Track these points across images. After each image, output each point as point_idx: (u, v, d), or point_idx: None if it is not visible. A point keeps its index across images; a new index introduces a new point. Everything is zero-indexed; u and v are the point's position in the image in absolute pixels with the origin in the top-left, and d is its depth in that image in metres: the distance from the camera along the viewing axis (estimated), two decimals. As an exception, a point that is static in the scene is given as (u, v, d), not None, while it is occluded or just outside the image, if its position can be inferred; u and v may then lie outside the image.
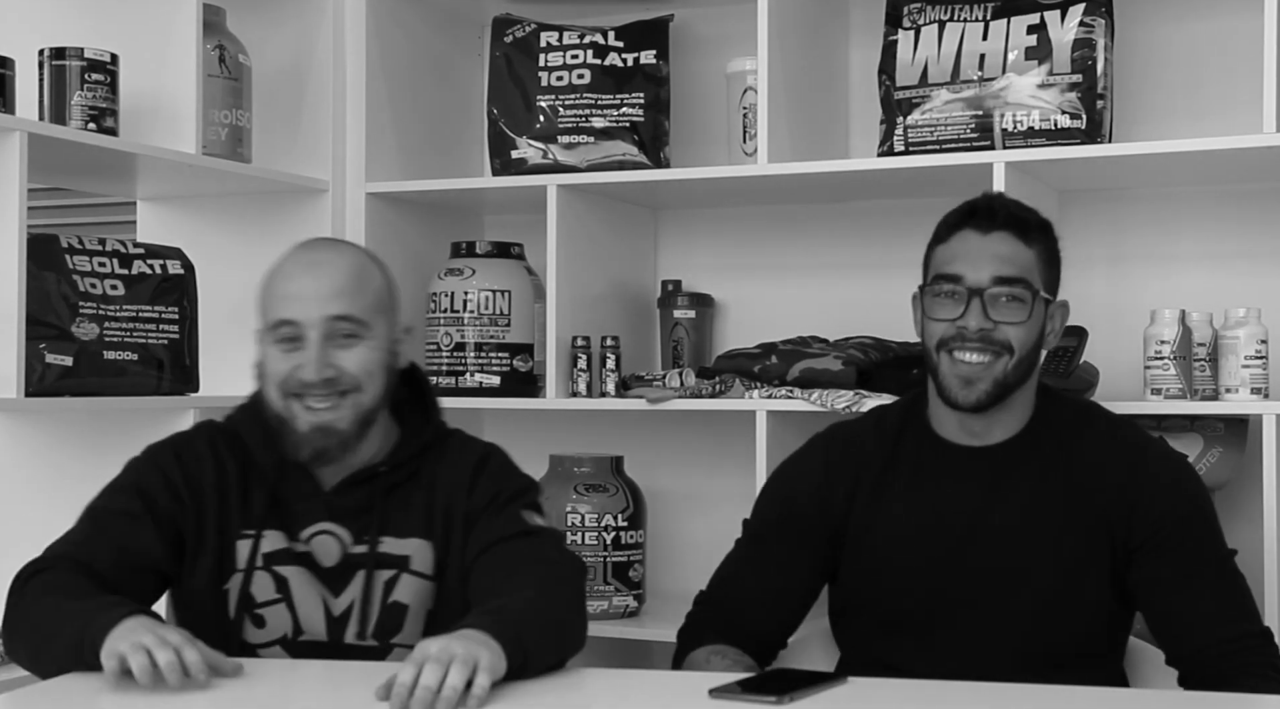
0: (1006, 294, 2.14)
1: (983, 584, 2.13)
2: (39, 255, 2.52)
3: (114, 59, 2.70)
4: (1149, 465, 2.16)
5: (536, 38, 3.16)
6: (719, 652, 2.17)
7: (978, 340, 2.12)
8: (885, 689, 1.78)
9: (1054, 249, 2.23)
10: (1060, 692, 1.79)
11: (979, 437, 2.20)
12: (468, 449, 2.19)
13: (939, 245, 2.19)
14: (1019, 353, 2.13)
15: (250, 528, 2.09)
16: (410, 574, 2.09)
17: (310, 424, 2.05)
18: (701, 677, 1.88)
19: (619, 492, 3.05)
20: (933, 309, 2.16)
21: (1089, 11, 2.76)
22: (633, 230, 3.32)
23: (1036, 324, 2.16)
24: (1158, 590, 2.11)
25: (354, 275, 2.09)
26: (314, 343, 2.04)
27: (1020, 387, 2.17)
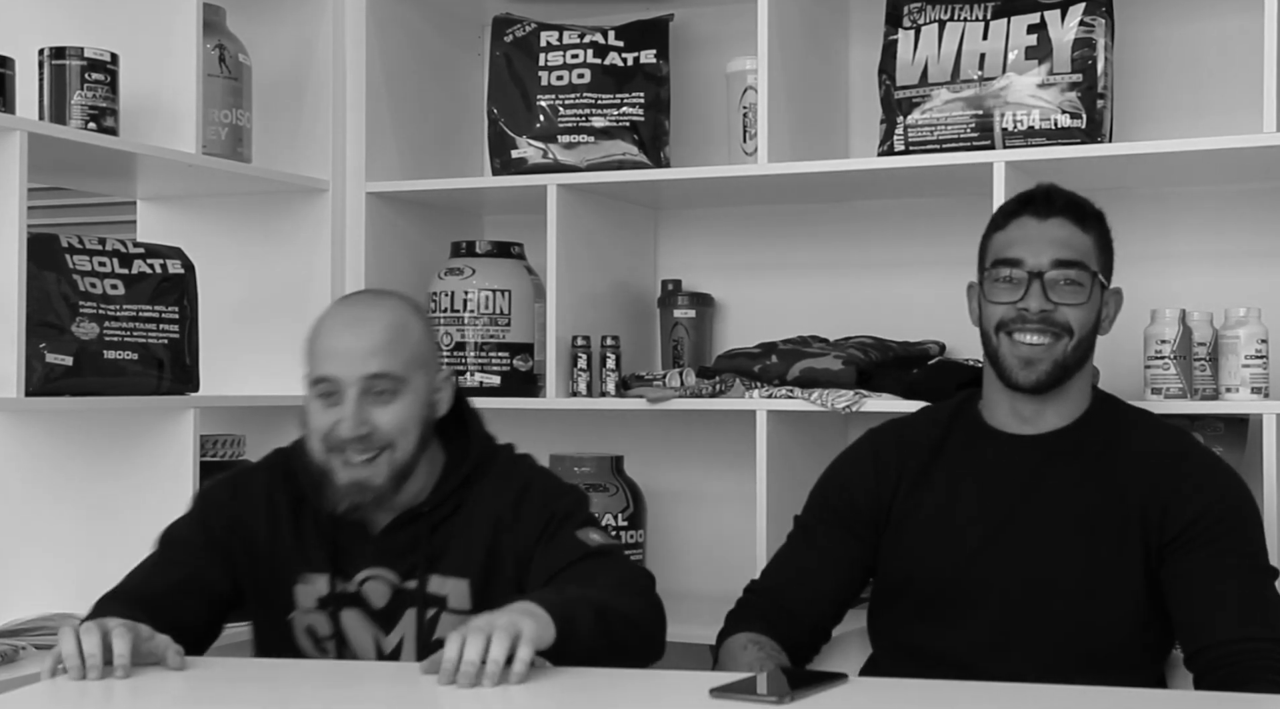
0: (1065, 277, 2.18)
1: (1016, 572, 2.15)
2: (39, 255, 2.52)
3: (114, 59, 2.69)
4: (1186, 465, 2.18)
5: (536, 37, 3.17)
6: (756, 641, 2.19)
7: (1038, 322, 2.17)
8: (886, 689, 1.78)
9: (1108, 237, 2.29)
10: (1062, 692, 1.79)
11: (1030, 423, 2.24)
12: (510, 477, 2.22)
13: (996, 232, 2.24)
14: (1079, 334, 2.18)
15: (308, 571, 2.16)
16: (449, 612, 2.14)
17: (348, 480, 2.10)
18: (702, 676, 1.88)
19: (619, 491, 3.05)
20: (993, 293, 2.20)
21: (1089, 11, 2.76)
22: (633, 230, 3.32)
23: (1094, 307, 2.22)
24: (1180, 586, 2.11)
25: (393, 332, 2.13)
26: (351, 400, 2.09)
27: (1078, 371, 2.21)
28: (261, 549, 2.18)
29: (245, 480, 2.26)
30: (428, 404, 2.17)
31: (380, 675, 1.98)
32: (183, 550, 2.17)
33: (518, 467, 2.27)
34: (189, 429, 2.74)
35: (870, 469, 2.30)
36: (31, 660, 2.46)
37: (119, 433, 2.79)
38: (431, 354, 2.21)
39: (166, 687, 1.81)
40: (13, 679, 2.26)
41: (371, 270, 3.17)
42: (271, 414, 3.12)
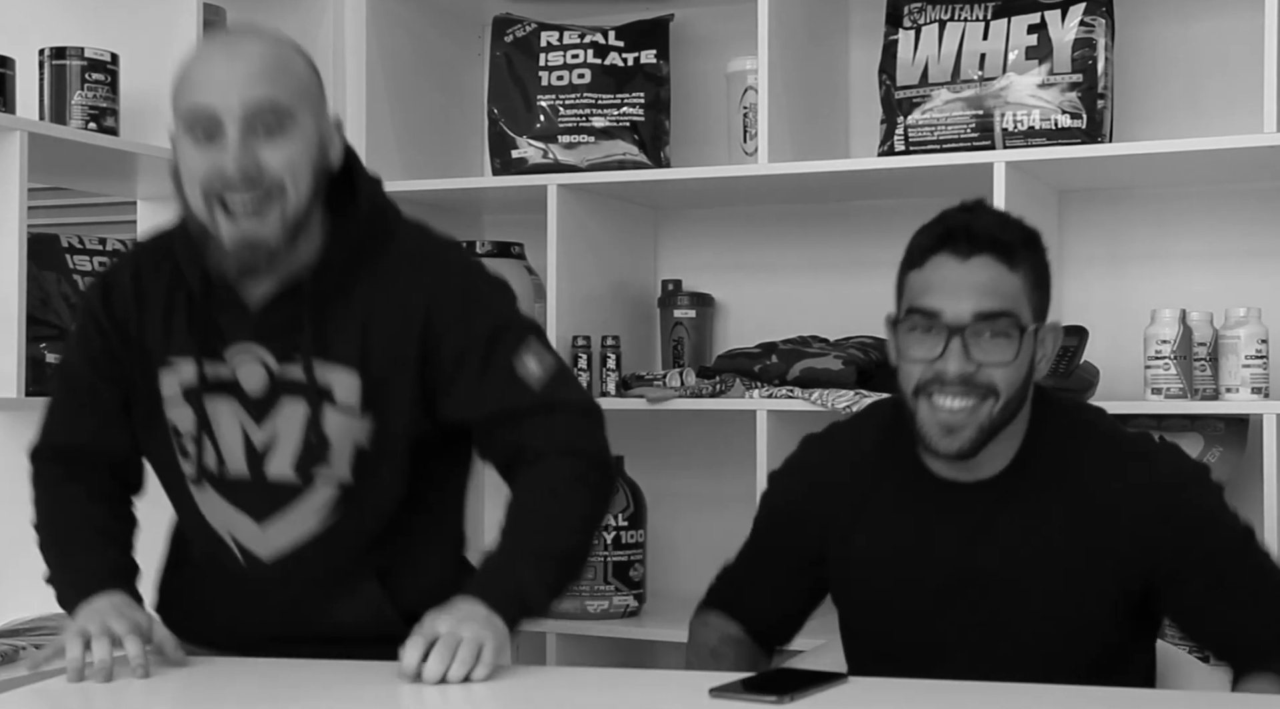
0: (990, 330, 1.89)
1: (976, 630, 1.97)
2: (39, 255, 2.52)
3: (114, 59, 2.70)
4: (1162, 495, 1.94)
5: (537, 37, 3.17)
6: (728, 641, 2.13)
7: (959, 384, 1.89)
8: (885, 689, 1.78)
9: (1042, 267, 1.98)
10: (1061, 691, 1.79)
11: (967, 473, 1.98)
12: (422, 259, 1.97)
13: (913, 271, 1.95)
14: (1005, 395, 1.90)
15: (175, 355, 1.95)
16: (335, 408, 1.92)
17: (235, 236, 1.84)
18: (702, 676, 1.88)
19: (619, 492, 3.05)
20: (908, 346, 1.93)
21: (1089, 11, 2.76)
22: (633, 230, 3.32)
23: (1025, 360, 1.92)
24: (1193, 618, 1.99)
25: (277, 60, 1.87)
26: (234, 134, 1.82)
27: (1010, 425, 1.95)
28: (134, 341, 1.97)
29: (115, 275, 2.02)
30: (319, 148, 1.90)
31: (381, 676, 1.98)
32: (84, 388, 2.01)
33: (430, 244, 2.02)
34: (189, 429, 2.73)
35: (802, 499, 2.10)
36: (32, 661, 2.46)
37: (119, 433, 2.78)
38: (320, 95, 1.93)
39: (166, 686, 1.81)
40: (13, 679, 2.26)
41: (372, 270, 3.17)
42: (272, 414, 3.12)
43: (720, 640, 2.13)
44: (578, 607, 3.01)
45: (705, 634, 2.15)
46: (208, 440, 1.95)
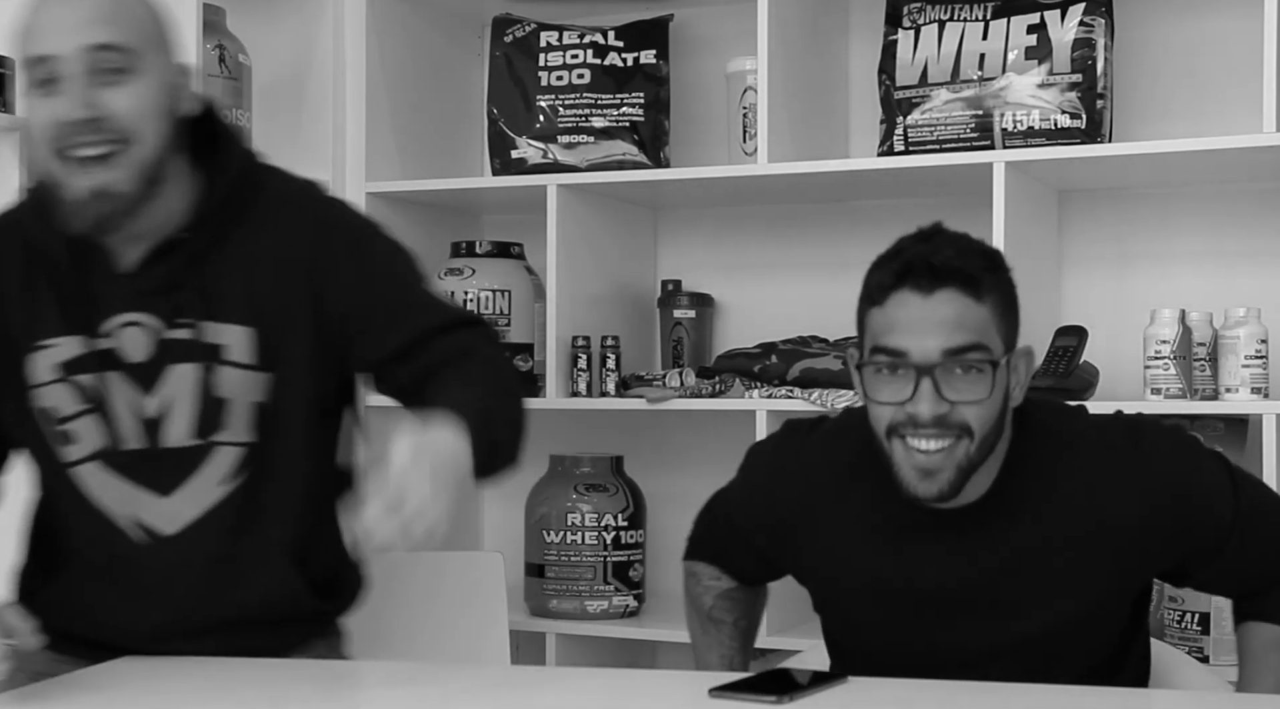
0: (961, 365, 1.80)
1: (962, 650, 1.91)
2: (39, 255, 2.51)
3: (114, 59, 2.69)
4: (1156, 493, 1.88)
5: (536, 37, 3.17)
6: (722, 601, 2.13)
7: (933, 426, 1.81)
8: (885, 689, 1.78)
9: (1009, 291, 1.88)
10: (1060, 691, 1.79)
11: (947, 501, 1.89)
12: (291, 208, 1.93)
13: (874, 309, 1.85)
14: (979, 433, 1.82)
15: (46, 337, 1.88)
16: (228, 365, 1.86)
17: (85, 188, 1.77)
18: (702, 677, 1.88)
19: (619, 492, 3.05)
20: (875, 388, 1.84)
21: (1089, 11, 2.76)
22: (633, 230, 3.32)
23: (999, 394, 1.84)
24: (1212, 585, 1.99)
25: (114, 2, 1.80)
26: (74, 78, 1.76)
27: (989, 457, 1.87)
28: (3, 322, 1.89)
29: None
30: (168, 92, 1.83)
31: (382, 675, 1.98)
32: None
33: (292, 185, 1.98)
34: (189, 429, 2.73)
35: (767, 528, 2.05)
36: (31, 660, 2.46)
37: (119, 433, 2.78)
38: (166, 37, 1.86)
39: (166, 686, 1.81)
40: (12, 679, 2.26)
41: (371, 270, 3.17)
42: (271, 414, 3.13)
43: (715, 601, 2.13)
44: (578, 607, 3.01)
45: (698, 592, 2.15)
46: (95, 418, 1.87)
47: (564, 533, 3.01)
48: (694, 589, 2.17)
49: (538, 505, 3.07)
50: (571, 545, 3.01)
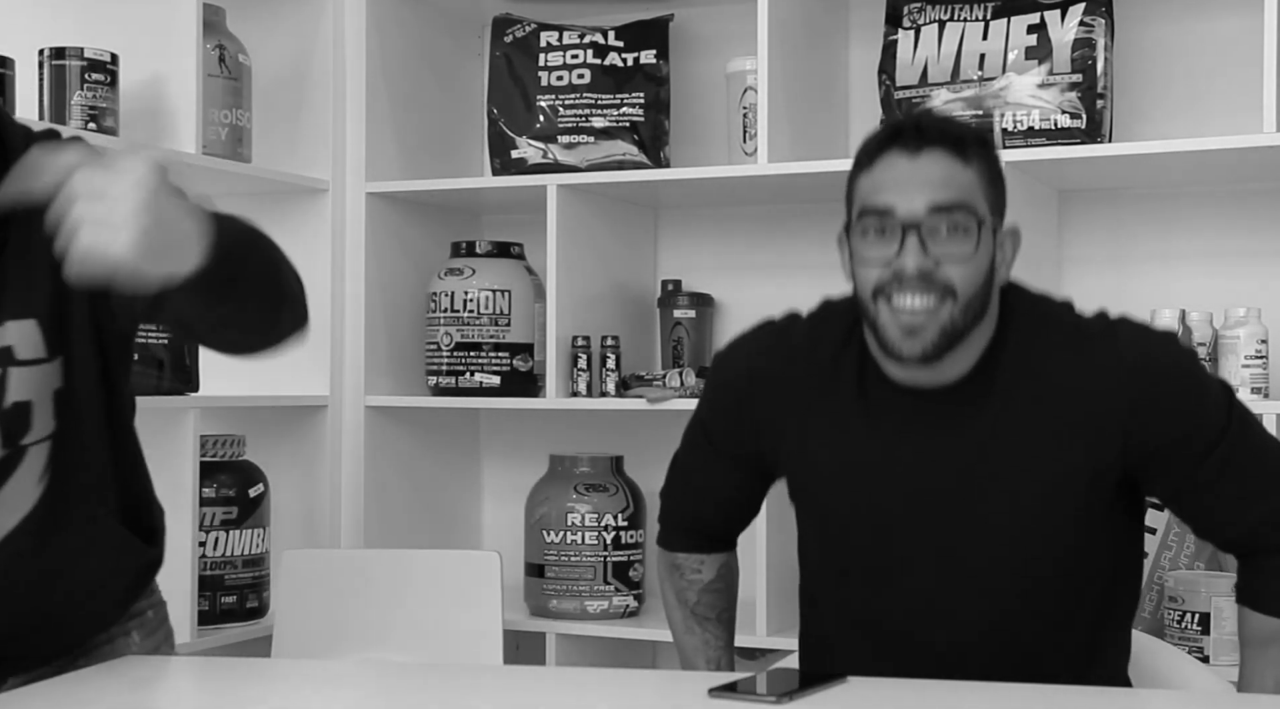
0: (947, 224, 1.82)
1: (943, 539, 1.90)
2: (39, 255, 2.51)
3: (114, 59, 2.70)
4: (1134, 382, 1.86)
5: (536, 37, 3.17)
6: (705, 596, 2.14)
7: (918, 281, 1.81)
8: (885, 689, 1.78)
9: (996, 166, 1.90)
10: (1060, 691, 1.79)
11: (929, 378, 1.90)
12: None
13: (862, 173, 1.87)
14: (965, 295, 1.83)
15: None
16: (20, 365, 1.73)
17: None
18: (702, 677, 1.88)
19: (619, 491, 3.05)
20: (862, 250, 1.85)
21: (1089, 11, 2.77)
22: (633, 230, 3.32)
23: (985, 256, 1.85)
24: (1178, 499, 1.93)
25: None
26: None
27: (974, 328, 1.87)
28: None
29: None
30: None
31: (380, 674, 1.98)
32: None
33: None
34: (189, 429, 2.74)
35: (746, 406, 2.02)
36: (31, 660, 2.46)
37: (119, 433, 2.79)
38: None
39: (166, 686, 1.81)
40: (13, 679, 2.26)
41: (371, 270, 3.17)
42: (271, 414, 3.13)
43: (699, 597, 2.14)
44: (578, 607, 3.01)
45: (682, 587, 2.15)
46: None
47: (564, 533, 3.01)
48: (678, 584, 2.17)
49: (538, 505, 3.07)
50: (571, 545, 3.01)
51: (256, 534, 2.92)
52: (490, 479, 3.52)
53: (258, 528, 2.93)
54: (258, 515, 2.93)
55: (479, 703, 1.72)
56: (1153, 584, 2.72)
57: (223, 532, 2.87)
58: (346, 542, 3.14)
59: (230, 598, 2.88)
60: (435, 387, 3.16)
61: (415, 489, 3.30)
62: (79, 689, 1.78)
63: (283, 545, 2.95)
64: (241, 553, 2.90)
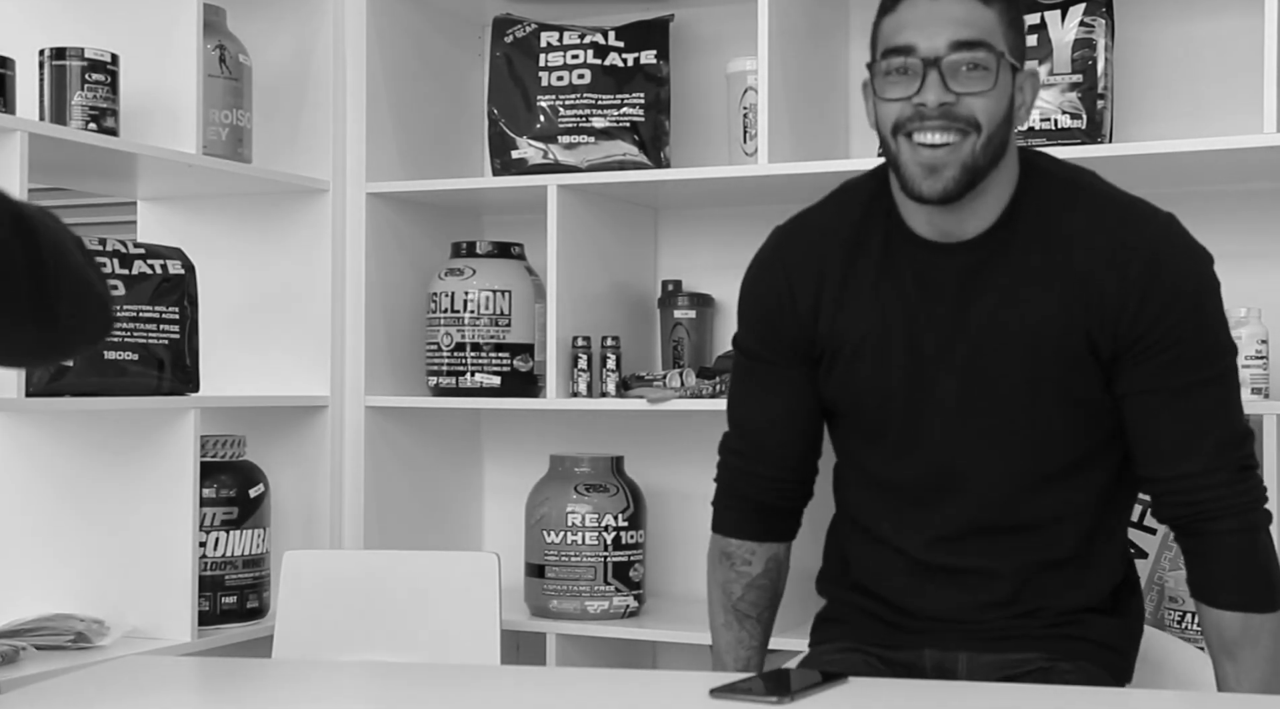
0: (967, 61, 1.86)
1: (957, 399, 1.96)
2: (39, 255, 2.51)
3: (114, 59, 2.70)
4: (1135, 262, 1.91)
5: (537, 38, 3.17)
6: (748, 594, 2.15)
7: (939, 118, 1.86)
8: (886, 689, 1.78)
9: (1016, 10, 1.96)
10: (1059, 691, 1.79)
11: (952, 233, 1.96)
12: None
13: (885, 17, 1.93)
14: (987, 129, 1.88)
15: None
16: None
17: None
18: (702, 677, 1.88)
19: (619, 491, 3.05)
20: (884, 89, 1.90)
21: (1089, 11, 2.77)
22: (633, 230, 3.32)
23: (1004, 94, 1.89)
24: (1131, 408, 1.94)
25: None
26: None
27: (993, 169, 1.91)
28: None
29: None
30: None
31: (379, 675, 1.98)
32: None
33: None
34: (189, 429, 2.74)
35: (785, 290, 2.06)
36: (32, 661, 2.46)
37: (119, 433, 2.79)
38: None
39: (166, 686, 1.81)
40: (12, 679, 2.26)
41: (372, 270, 3.17)
42: (271, 415, 3.13)
43: (744, 592, 2.15)
44: (578, 607, 3.01)
45: (730, 578, 2.16)
46: None
47: (564, 533, 3.01)
48: (725, 575, 2.17)
49: (538, 505, 3.07)
50: (572, 546, 3.01)
51: (257, 534, 2.92)
52: (491, 479, 3.52)
53: (258, 528, 2.93)
54: (258, 516, 2.93)
55: (479, 703, 1.72)
56: (1153, 584, 2.72)
57: (223, 532, 2.87)
58: (347, 542, 3.14)
59: (231, 598, 2.88)
60: (435, 387, 3.16)
61: (415, 489, 3.30)
62: (79, 689, 1.78)
63: (283, 546, 2.95)
64: (242, 553, 2.90)
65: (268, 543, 2.95)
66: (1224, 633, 1.93)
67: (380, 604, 2.69)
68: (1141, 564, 2.72)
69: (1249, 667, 1.92)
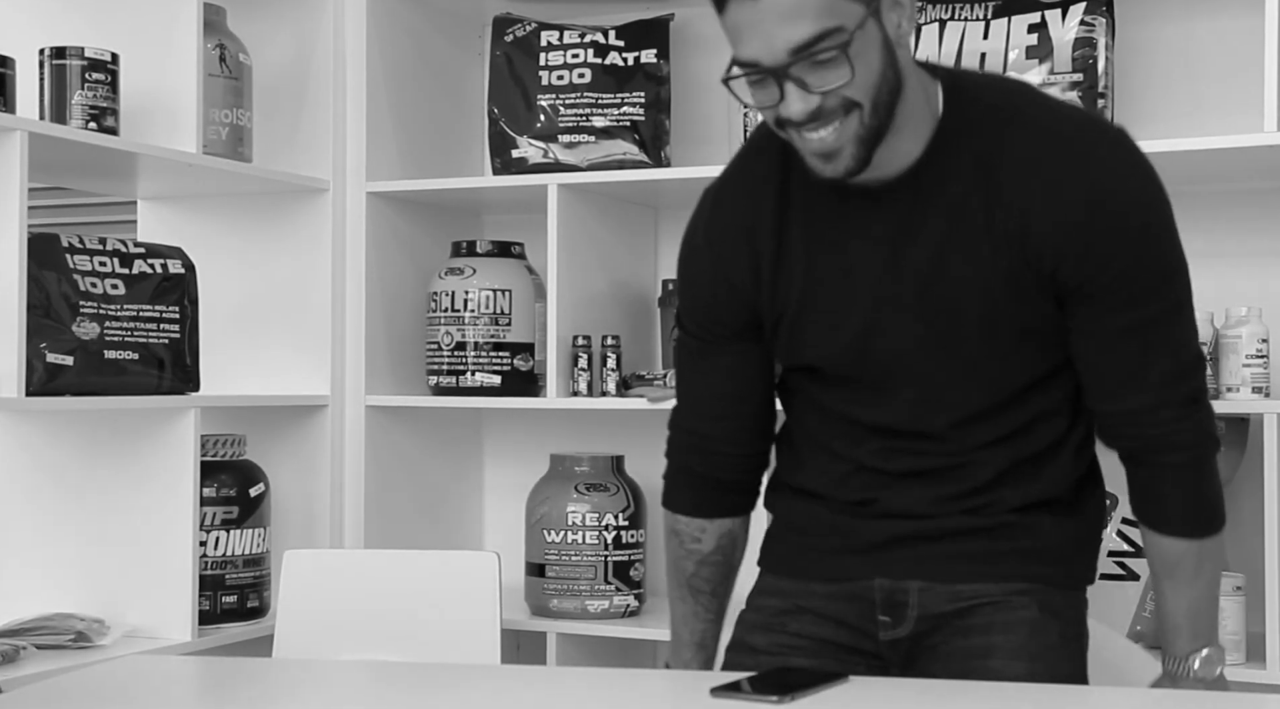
0: (815, 58, 1.72)
1: (912, 341, 1.88)
2: (39, 255, 2.52)
3: (114, 58, 2.70)
4: (1083, 202, 1.81)
5: (537, 37, 3.17)
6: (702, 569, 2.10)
7: (811, 119, 1.75)
8: (886, 689, 1.78)
9: None
10: (1059, 691, 1.79)
11: (874, 172, 1.83)
12: None
13: (721, 15, 1.77)
14: (869, 98, 1.75)
15: None
16: None
17: None
18: (702, 677, 1.88)
19: (619, 491, 3.05)
20: (751, 95, 1.79)
21: (1090, 10, 2.77)
22: (633, 229, 3.32)
23: (871, 52, 1.74)
24: (1081, 342, 1.88)
25: None
26: None
27: (892, 118, 1.79)
28: None
29: None
30: None
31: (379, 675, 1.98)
32: None
33: None
34: (190, 429, 2.74)
35: (715, 267, 1.97)
36: (32, 660, 2.47)
37: (120, 433, 2.79)
38: None
39: (166, 686, 1.81)
40: (13, 679, 2.26)
41: (372, 270, 3.17)
42: (272, 414, 3.13)
43: (696, 569, 2.10)
44: (578, 606, 3.01)
45: (680, 556, 2.11)
46: None
47: (564, 532, 3.01)
48: (676, 551, 2.13)
49: (538, 505, 3.07)
50: (572, 545, 3.01)
51: (257, 534, 2.93)
52: (491, 479, 3.52)
53: (258, 527, 2.93)
54: (258, 515, 2.93)
55: (479, 703, 1.72)
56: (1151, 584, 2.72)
57: (223, 531, 2.87)
58: (347, 542, 3.15)
59: (231, 597, 2.88)
60: (436, 386, 3.16)
61: (416, 489, 3.30)
62: (79, 689, 1.78)
63: (283, 545, 2.95)
64: (242, 552, 2.90)
65: (268, 542, 2.96)
66: (1166, 556, 1.94)
67: (380, 604, 2.69)
68: (1141, 563, 2.71)
69: (1185, 585, 1.93)
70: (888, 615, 1.96)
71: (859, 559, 1.98)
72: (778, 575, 2.07)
